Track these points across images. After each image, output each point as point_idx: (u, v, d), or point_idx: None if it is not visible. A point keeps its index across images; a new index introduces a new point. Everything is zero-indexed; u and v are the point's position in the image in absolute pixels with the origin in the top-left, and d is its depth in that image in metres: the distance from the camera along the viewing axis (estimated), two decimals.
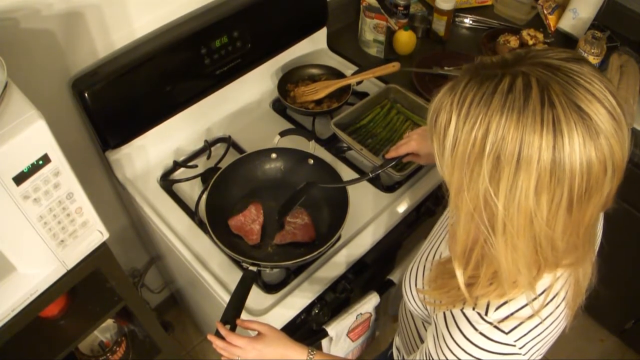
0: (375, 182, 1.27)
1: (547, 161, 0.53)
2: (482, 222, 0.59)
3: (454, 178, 0.60)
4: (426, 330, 0.88)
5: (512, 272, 0.61)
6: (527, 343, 0.67)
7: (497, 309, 0.66)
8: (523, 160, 0.53)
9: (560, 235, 0.58)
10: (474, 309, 0.67)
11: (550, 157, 0.53)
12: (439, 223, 0.91)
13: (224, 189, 1.19)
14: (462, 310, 0.68)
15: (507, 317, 0.66)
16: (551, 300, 0.67)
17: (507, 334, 0.66)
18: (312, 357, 0.88)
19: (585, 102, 0.53)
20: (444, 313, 0.71)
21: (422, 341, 0.93)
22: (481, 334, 0.67)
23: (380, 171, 1.11)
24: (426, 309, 0.83)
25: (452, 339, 0.69)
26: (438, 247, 0.86)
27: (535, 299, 0.65)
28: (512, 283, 0.63)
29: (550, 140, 0.52)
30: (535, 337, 0.67)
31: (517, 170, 0.54)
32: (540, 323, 0.67)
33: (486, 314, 0.66)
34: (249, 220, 1.15)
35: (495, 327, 0.66)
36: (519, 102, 0.53)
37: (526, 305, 0.66)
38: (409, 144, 1.08)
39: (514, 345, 0.66)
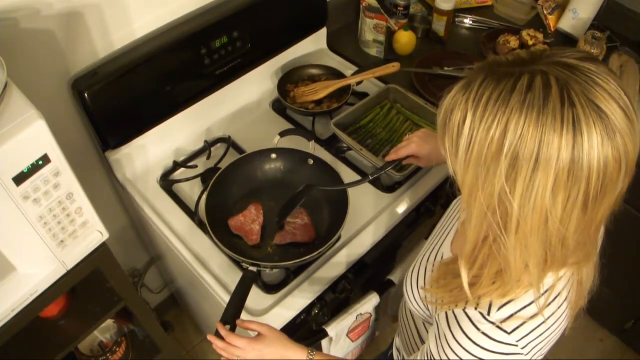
0: (376, 182, 1.27)
1: (566, 161, 0.53)
2: (495, 221, 0.59)
3: (467, 177, 0.60)
4: (427, 330, 0.88)
5: (520, 271, 0.61)
6: (529, 343, 0.67)
7: (499, 309, 0.66)
8: (542, 159, 0.53)
9: (573, 234, 0.58)
10: (476, 308, 0.67)
11: (570, 157, 0.53)
12: (441, 224, 0.91)
13: (224, 189, 1.18)
14: (464, 310, 0.68)
15: (509, 317, 0.66)
16: (553, 300, 0.67)
17: (509, 334, 0.66)
18: (312, 357, 0.88)
19: (603, 101, 0.53)
20: (446, 313, 0.71)
21: (422, 342, 0.93)
22: (483, 333, 0.66)
23: (380, 174, 1.11)
24: (427, 309, 0.83)
25: (455, 338, 0.69)
26: (440, 247, 0.86)
27: (539, 297, 0.65)
28: (516, 282, 0.63)
29: (570, 139, 0.52)
30: (538, 337, 0.67)
31: (535, 170, 0.54)
32: (543, 323, 0.67)
33: (489, 313, 0.66)
34: (249, 221, 1.15)
35: (498, 327, 0.66)
36: (538, 101, 0.53)
37: (529, 305, 0.66)
38: (409, 146, 1.08)
39: (516, 346, 0.66)
